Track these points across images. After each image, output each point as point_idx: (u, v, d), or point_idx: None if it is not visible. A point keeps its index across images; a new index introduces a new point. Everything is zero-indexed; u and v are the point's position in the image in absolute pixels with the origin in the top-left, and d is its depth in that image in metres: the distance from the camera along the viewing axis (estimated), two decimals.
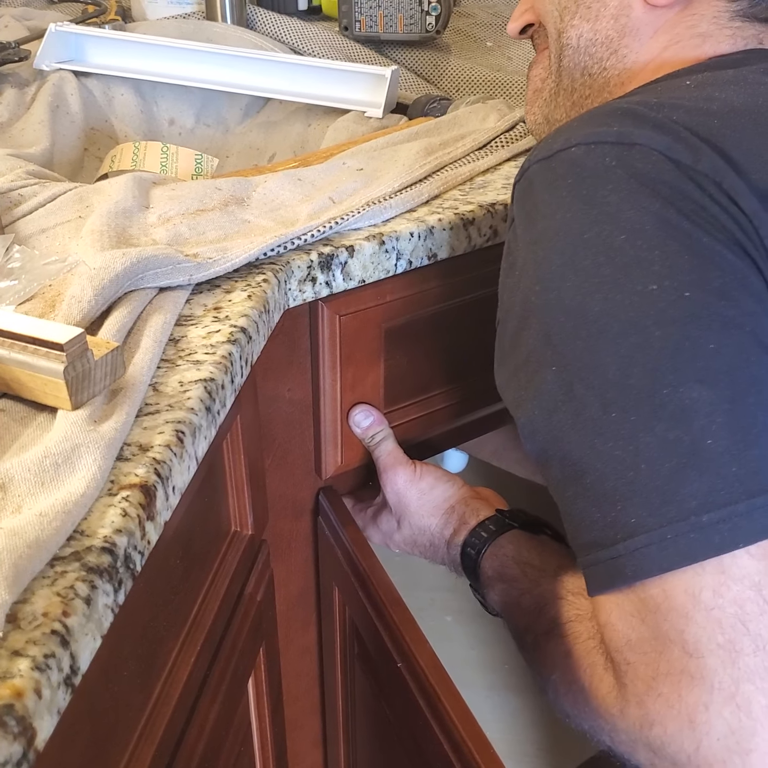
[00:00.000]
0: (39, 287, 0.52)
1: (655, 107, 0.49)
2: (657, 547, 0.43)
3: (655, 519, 0.44)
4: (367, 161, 0.72)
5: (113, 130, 0.97)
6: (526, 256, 0.50)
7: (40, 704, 0.31)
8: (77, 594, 0.34)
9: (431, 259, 0.67)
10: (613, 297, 0.46)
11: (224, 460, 0.59)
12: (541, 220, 0.49)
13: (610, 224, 0.46)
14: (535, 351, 0.49)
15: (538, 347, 0.49)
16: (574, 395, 0.47)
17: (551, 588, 0.58)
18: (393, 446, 0.71)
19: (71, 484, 0.38)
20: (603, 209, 0.47)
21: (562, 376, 0.47)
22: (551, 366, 0.48)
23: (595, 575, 0.47)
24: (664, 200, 0.46)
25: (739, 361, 0.44)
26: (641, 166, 0.47)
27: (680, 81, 0.54)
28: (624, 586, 0.45)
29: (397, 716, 0.69)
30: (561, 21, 0.62)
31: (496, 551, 0.65)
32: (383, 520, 0.73)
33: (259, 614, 0.65)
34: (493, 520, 0.67)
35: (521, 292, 0.50)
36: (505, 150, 0.77)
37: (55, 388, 0.42)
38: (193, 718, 0.55)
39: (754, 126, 0.48)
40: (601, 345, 0.46)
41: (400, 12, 1.05)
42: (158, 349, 0.49)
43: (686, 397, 0.44)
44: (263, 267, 0.59)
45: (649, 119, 0.48)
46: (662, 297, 0.45)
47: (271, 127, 0.99)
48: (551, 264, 0.48)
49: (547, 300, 0.48)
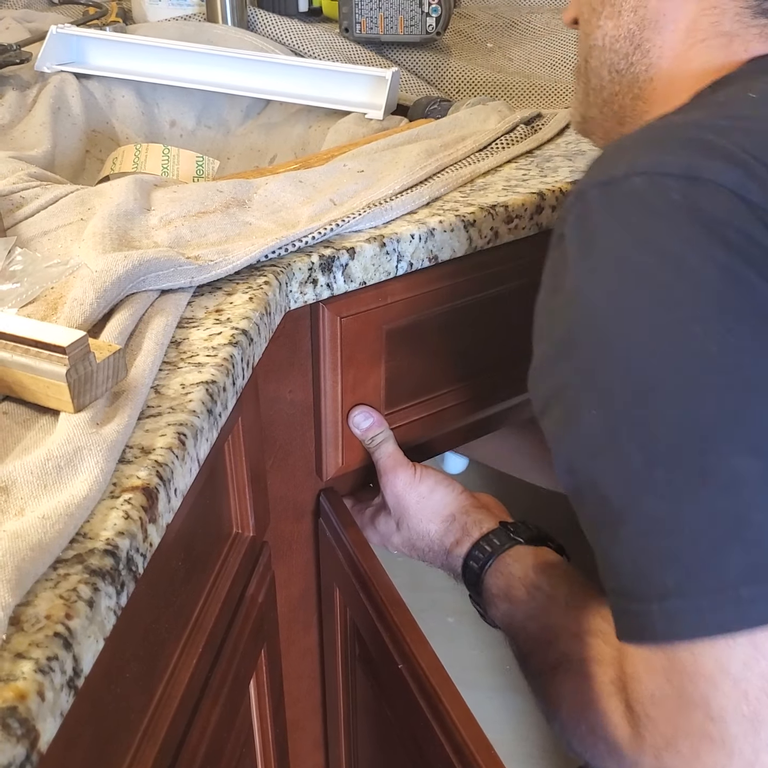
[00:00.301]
0: (41, 290, 0.52)
1: (725, 132, 0.46)
2: (692, 614, 0.43)
3: (692, 585, 0.43)
4: (368, 163, 0.72)
5: (114, 132, 0.97)
6: (576, 285, 0.48)
7: (43, 706, 0.31)
8: (80, 596, 0.34)
9: (432, 261, 0.67)
10: (670, 353, 0.44)
11: (226, 461, 0.60)
12: (597, 253, 0.47)
13: (672, 272, 0.44)
14: (574, 387, 0.48)
15: (579, 385, 0.47)
16: (619, 444, 0.45)
17: (563, 623, 0.58)
18: (393, 448, 0.71)
19: (74, 486, 0.39)
20: (665, 255, 0.45)
21: (606, 422, 0.46)
22: (593, 408, 0.46)
23: (625, 624, 0.47)
24: (730, 248, 0.43)
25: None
26: (708, 207, 0.44)
27: (741, 91, 0.51)
28: (653, 644, 0.45)
29: (398, 717, 0.69)
30: (588, 24, 0.62)
31: (501, 568, 0.65)
32: (381, 521, 0.73)
33: (260, 616, 0.65)
34: (497, 533, 0.66)
35: (565, 320, 0.48)
36: (505, 152, 0.77)
37: (58, 390, 0.42)
38: (195, 720, 0.55)
39: None
40: (651, 400, 0.44)
41: (400, 13, 1.05)
42: (160, 351, 0.49)
43: (737, 467, 0.43)
44: (264, 269, 0.59)
45: (718, 149, 0.45)
46: (721, 361, 0.43)
47: (272, 129, 1.00)
48: (604, 303, 0.46)
49: (595, 340, 0.46)
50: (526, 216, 0.70)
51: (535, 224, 0.71)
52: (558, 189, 0.71)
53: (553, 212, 0.71)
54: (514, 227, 0.70)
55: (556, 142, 0.81)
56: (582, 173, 0.73)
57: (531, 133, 0.81)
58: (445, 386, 0.76)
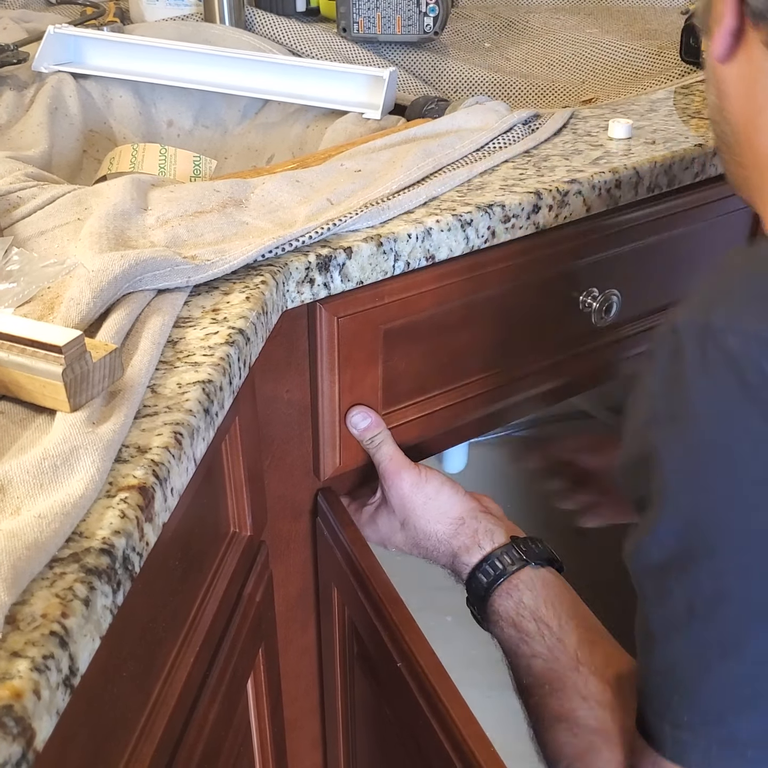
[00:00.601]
0: (38, 290, 0.53)
1: None
2: (700, 752, 0.49)
3: (707, 730, 0.48)
4: (365, 163, 0.72)
5: (112, 132, 0.97)
6: (666, 431, 0.48)
7: (39, 705, 0.31)
8: (76, 595, 0.35)
9: (429, 261, 0.67)
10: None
11: (223, 461, 0.60)
12: (686, 402, 0.46)
13: (754, 456, 0.44)
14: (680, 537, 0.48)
15: (681, 533, 0.48)
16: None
17: (572, 679, 0.60)
18: (393, 449, 0.71)
19: (70, 485, 0.39)
20: (753, 434, 0.44)
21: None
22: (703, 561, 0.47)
23: (642, 728, 0.52)
24: None
25: None
26: None
27: None
28: (661, 758, 0.50)
29: (397, 716, 0.69)
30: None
31: (510, 591, 0.66)
32: (383, 520, 0.73)
33: (258, 615, 0.65)
34: (509, 551, 0.67)
35: (650, 449, 0.48)
36: (503, 151, 0.77)
37: (54, 390, 0.42)
38: (192, 719, 0.55)
39: None
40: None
41: (398, 13, 1.05)
42: (156, 351, 0.49)
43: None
44: (261, 269, 0.59)
45: None
46: None
47: (269, 129, 1.00)
48: (697, 467, 0.46)
49: (686, 501, 0.47)
50: (523, 215, 0.70)
51: (533, 224, 0.71)
52: (555, 188, 0.71)
53: (550, 212, 0.72)
54: (511, 227, 0.70)
55: (553, 141, 0.81)
56: (578, 171, 0.73)
57: (528, 132, 0.81)
58: (443, 385, 0.76)
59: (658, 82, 1.01)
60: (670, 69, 1.04)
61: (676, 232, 0.85)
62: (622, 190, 0.76)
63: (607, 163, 0.75)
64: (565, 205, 0.72)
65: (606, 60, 1.10)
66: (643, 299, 0.87)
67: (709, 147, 0.80)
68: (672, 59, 1.04)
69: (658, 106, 0.90)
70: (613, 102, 0.95)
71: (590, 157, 0.77)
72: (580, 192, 0.73)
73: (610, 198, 0.75)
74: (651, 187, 0.78)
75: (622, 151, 0.78)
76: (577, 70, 1.11)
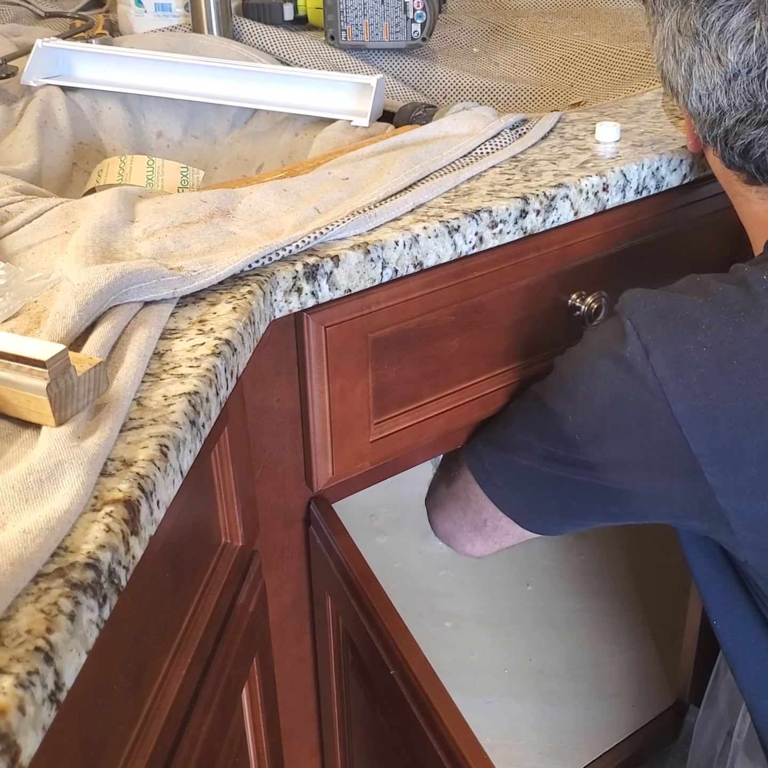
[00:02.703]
0: (23, 304, 0.53)
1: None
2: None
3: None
4: (353, 170, 0.72)
5: (101, 144, 0.97)
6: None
7: (24, 721, 0.31)
8: (61, 610, 0.35)
9: (417, 267, 0.67)
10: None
11: (212, 471, 0.60)
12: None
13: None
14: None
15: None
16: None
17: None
18: None
19: (55, 500, 0.39)
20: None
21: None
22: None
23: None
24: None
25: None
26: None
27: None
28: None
29: (392, 724, 0.69)
30: None
31: None
32: None
33: (251, 625, 0.65)
34: None
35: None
36: (490, 157, 0.77)
37: (39, 405, 0.42)
38: (185, 731, 0.55)
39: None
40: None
41: (385, 20, 1.05)
42: (142, 363, 0.49)
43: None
44: (248, 279, 0.59)
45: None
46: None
47: (258, 138, 1.00)
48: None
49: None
50: (510, 221, 0.70)
51: (520, 228, 0.71)
52: (542, 193, 0.71)
53: (538, 216, 0.72)
54: (499, 232, 0.70)
55: (540, 146, 0.81)
56: (565, 175, 0.73)
57: (515, 137, 0.81)
58: (435, 393, 0.76)
59: (646, 84, 1.02)
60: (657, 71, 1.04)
61: (662, 233, 0.85)
62: (609, 194, 0.76)
63: (595, 167, 0.76)
64: (553, 209, 0.72)
65: (594, 63, 1.11)
66: None
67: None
68: None
69: (646, 108, 0.90)
70: (600, 105, 0.95)
71: (577, 160, 0.77)
72: (567, 196, 0.73)
73: (597, 201, 0.75)
74: (639, 190, 0.78)
75: (610, 154, 0.78)
76: (566, 73, 1.11)
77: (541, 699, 1.22)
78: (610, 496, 0.69)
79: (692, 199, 0.85)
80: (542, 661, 1.26)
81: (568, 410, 0.68)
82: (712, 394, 0.61)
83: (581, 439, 0.67)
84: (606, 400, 0.65)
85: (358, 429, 0.71)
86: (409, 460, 0.80)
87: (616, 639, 1.30)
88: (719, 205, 0.87)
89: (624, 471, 0.66)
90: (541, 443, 0.70)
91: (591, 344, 0.68)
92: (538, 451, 0.71)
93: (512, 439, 0.74)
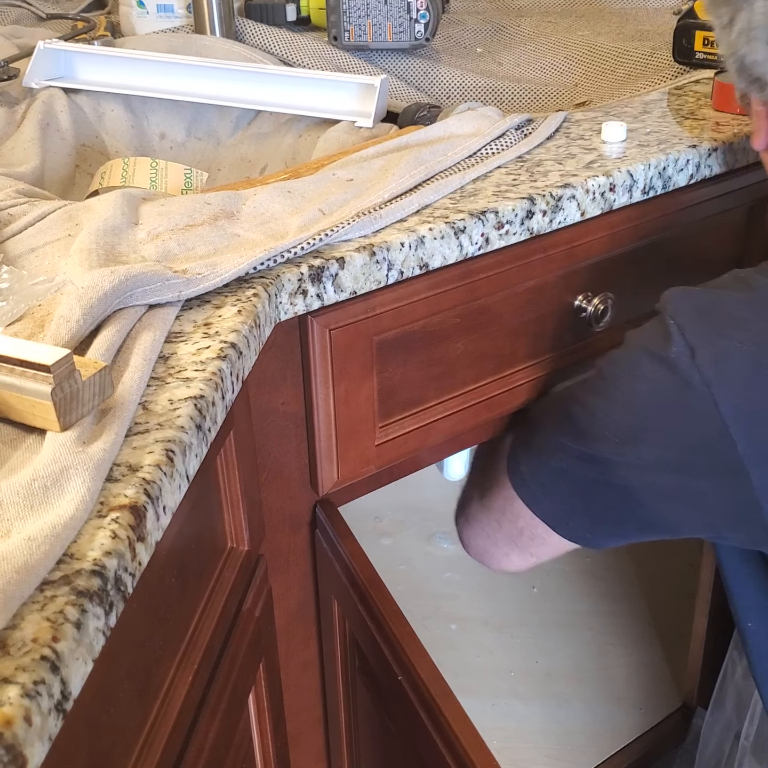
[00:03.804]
0: (27, 308, 0.52)
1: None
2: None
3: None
4: (357, 172, 0.72)
5: (104, 146, 0.97)
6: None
7: (31, 731, 0.31)
8: (67, 618, 0.34)
9: (423, 269, 0.67)
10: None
11: (218, 476, 0.59)
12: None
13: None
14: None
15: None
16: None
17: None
18: None
19: (60, 506, 0.38)
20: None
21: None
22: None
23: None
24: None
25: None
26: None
27: None
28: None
29: (399, 729, 0.69)
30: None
31: None
32: None
33: (257, 630, 0.65)
34: None
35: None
36: (495, 157, 0.77)
37: (44, 410, 0.42)
38: (192, 737, 0.54)
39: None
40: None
41: (388, 20, 1.05)
42: (148, 367, 0.48)
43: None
44: (253, 281, 0.59)
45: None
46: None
47: (262, 139, 0.99)
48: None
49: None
50: (516, 221, 0.70)
51: (527, 229, 0.71)
52: (549, 193, 0.71)
53: (544, 217, 0.71)
54: (505, 233, 0.70)
55: (546, 146, 0.81)
56: (572, 175, 0.73)
57: (521, 137, 0.81)
58: (440, 396, 0.76)
59: (651, 84, 1.01)
60: (663, 70, 1.03)
61: (669, 233, 0.85)
62: (616, 194, 0.75)
63: (601, 167, 0.75)
64: (559, 210, 0.72)
65: (598, 62, 1.10)
66: (638, 302, 0.86)
67: (703, 148, 0.79)
68: (665, 60, 1.04)
69: (652, 107, 0.90)
70: (606, 105, 0.94)
71: (584, 160, 0.77)
72: (574, 196, 0.72)
73: (604, 202, 0.75)
74: (646, 190, 0.77)
75: (616, 154, 0.78)
76: (570, 73, 1.11)
77: (547, 702, 1.21)
78: (639, 500, 0.67)
79: (699, 199, 0.85)
80: (548, 663, 1.26)
81: (608, 411, 0.67)
82: (755, 394, 0.59)
83: (619, 441, 0.66)
84: (648, 401, 0.64)
85: (363, 432, 0.71)
86: (415, 463, 0.79)
87: (622, 641, 1.29)
88: (727, 205, 0.87)
89: (657, 474, 0.65)
90: (577, 444, 0.69)
91: (633, 345, 0.67)
92: (573, 452, 0.69)
93: (548, 441, 0.72)
